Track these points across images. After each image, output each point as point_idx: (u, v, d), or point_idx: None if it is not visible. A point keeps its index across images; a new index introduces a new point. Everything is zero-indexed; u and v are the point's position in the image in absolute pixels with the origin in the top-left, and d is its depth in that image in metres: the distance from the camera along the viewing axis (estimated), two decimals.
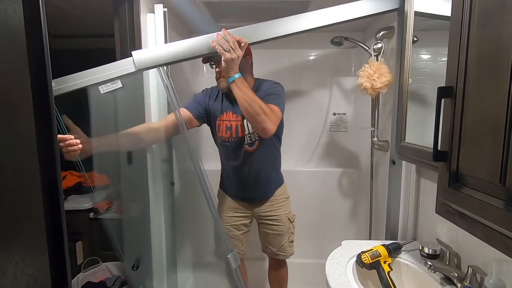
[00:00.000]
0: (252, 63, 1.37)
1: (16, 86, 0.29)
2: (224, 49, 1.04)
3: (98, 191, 1.93)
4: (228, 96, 1.33)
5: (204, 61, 1.26)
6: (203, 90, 1.44)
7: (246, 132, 1.32)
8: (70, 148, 0.98)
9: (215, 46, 1.04)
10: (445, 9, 0.69)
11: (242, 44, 1.06)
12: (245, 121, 1.31)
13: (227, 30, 1.06)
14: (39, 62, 0.33)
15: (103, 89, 1.04)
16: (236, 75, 1.10)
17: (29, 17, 0.30)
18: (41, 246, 0.29)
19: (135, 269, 1.37)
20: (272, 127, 1.15)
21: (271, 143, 1.37)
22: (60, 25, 1.74)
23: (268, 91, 1.29)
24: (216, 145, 1.45)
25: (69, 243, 0.41)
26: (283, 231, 1.46)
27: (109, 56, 1.26)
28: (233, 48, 1.04)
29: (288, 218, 1.47)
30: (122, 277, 1.65)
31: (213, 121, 1.39)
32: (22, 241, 0.27)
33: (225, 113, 1.34)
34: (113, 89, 1.05)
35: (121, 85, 1.05)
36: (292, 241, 1.50)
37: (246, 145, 1.34)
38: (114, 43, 1.30)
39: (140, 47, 1.29)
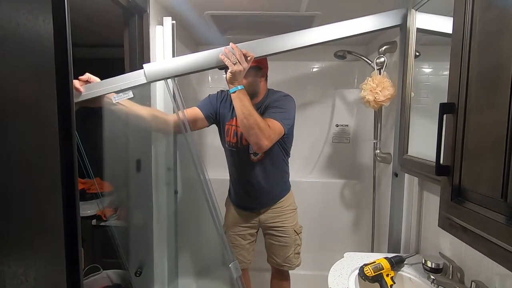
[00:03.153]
0: (266, 74, 1.40)
1: (45, 96, 0.31)
2: (231, 62, 1.07)
3: (101, 198, 1.94)
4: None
5: (220, 68, 1.29)
6: (217, 92, 1.45)
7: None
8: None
9: (223, 59, 1.08)
10: (446, 27, 0.72)
11: (248, 58, 1.09)
12: None
13: (235, 44, 1.09)
14: (64, 73, 0.35)
15: (115, 98, 1.08)
16: (239, 87, 1.13)
17: (57, 29, 0.32)
18: (60, 253, 0.31)
19: (138, 275, 1.36)
20: (265, 143, 1.16)
21: (276, 155, 1.38)
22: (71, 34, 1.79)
23: (274, 104, 1.30)
24: (224, 149, 1.46)
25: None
26: (289, 243, 1.45)
27: (118, 66, 1.30)
28: (240, 61, 1.07)
29: (294, 230, 1.46)
30: (123, 285, 1.64)
31: (222, 124, 1.40)
32: (45, 248, 0.28)
33: (235, 118, 1.36)
34: (125, 98, 1.09)
35: (133, 95, 1.08)
36: (298, 253, 1.50)
37: (251, 154, 1.35)
38: (123, 53, 1.34)
39: (148, 58, 1.32)
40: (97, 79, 1.09)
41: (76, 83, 1.04)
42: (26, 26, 0.26)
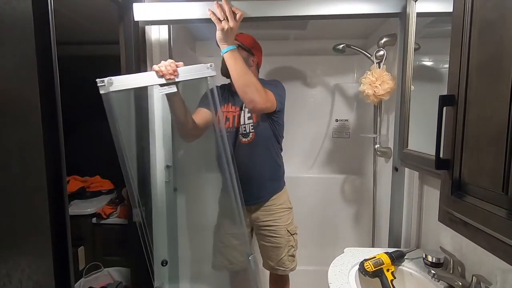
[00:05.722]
0: (257, 64, 1.40)
1: (25, 91, 0.30)
2: (219, 18, 1.06)
3: (101, 196, 1.94)
4: (229, 89, 1.38)
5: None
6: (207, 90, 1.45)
7: (242, 123, 1.34)
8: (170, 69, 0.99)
9: (210, 15, 1.08)
10: (446, 7, 0.71)
11: (237, 16, 1.08)
12: (242, 112, 1.34)
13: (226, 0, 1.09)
14: (47, 68, 0.34)
15: (160, 91, 1.04)
16: (230, 47, 1.12)
17: (38, 11, 0.31)
18: (47, 253, 0.30)
19: (164, 264, 1.34)
20: (260, 101, 1.15)
21: (267, 138, 1.36)
22: (65, 32, 1.77)
23: (266, 84, 1.30)
24: (215, 139, 1.44)
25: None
26: (281, 244, 1.40)
27: (114, 63, 1.29)
28: (228, 17, 1.06)
29: (288, 230, 1.41)
30: (124, 282, 1.65)
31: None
32: (29, 248, 0.28)
33: (225, 105, 1.37)
34: (169, 92, 1.04)
35: (176, 90, 1.05)
36: (292, 256, 1.44)
37: (240, 135, 1.34)
38: (119, 50, 1.32)
39: (144, 54, 1.31)
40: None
41: (174, 66, 1.01)
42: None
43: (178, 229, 1.49)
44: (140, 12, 1.17)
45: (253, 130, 1.33)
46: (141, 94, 1.31)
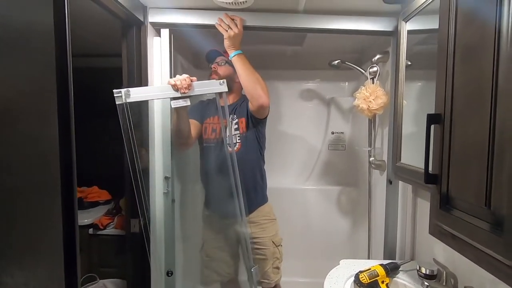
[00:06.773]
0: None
1: (45, 101, 0.33)
2: (224, 28, 1.23)
3: (99, 206, 1.93)
4: (214, 102, 1.42)
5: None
6: (198, 101, 1.51)
7: (228, 134, 1.36)
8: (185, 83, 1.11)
9: (218, 27, 1.25)
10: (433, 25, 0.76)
11: (238, 22, 1.23)
12: (228, 123, 1.38)
13: (225, 13, 1.24)
14: (64, 81, 0.37)
15: (174, 104, 1.12)
16: (237, 52, 1.27)
17: (59, 37, 0.33)
18: (59, 262, 0.32)
19: (170, 275, 1.34)
20: (266, 97, 1.28)
21: (253, 150, 1.39)
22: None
23: None
24: (200, 150, 1.48)
25: None
26: (267, 255, 1.39)
27: (116, 75, 1.32)
28: (231, 26, 1.23)
29: (273, 242, 1.41)
30: None
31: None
32: (44, 257, 0.29)
33: (211, 117, 1.42)
34: (183, 105, 1.13)
35: (189, 103, 1.14)
36: (277, 268, 1.43)
37: (228, 145, 1.35)
38: (121, 62, 1.36)
39: (146, 68, 1.34)
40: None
41: (188, 80, 1.12)
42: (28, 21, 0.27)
43: (175, 241, 1.49)
44: (154, 15, 1.28)
45: (239, 141, 1.37)
46: (141, 106, 1.34)
